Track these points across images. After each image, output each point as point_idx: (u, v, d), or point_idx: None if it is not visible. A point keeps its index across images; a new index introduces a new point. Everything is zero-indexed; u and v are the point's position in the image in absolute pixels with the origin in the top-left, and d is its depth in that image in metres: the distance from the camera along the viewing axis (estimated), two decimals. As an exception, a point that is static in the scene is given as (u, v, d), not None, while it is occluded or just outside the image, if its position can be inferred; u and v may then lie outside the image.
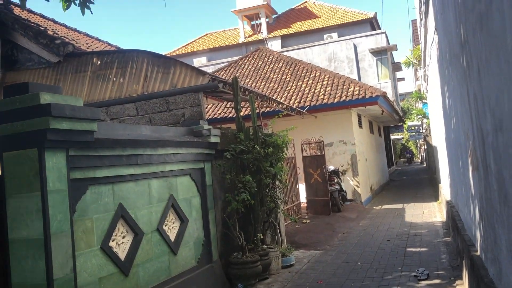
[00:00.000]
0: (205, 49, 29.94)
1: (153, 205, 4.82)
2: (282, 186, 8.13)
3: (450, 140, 7.31)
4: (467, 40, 3.51)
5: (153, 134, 5.03)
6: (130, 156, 4.47)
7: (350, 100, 14.06)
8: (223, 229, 6.24)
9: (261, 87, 16.59)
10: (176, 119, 6.62)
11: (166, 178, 5.13)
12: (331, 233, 9.79)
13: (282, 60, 18.78)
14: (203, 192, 5.89)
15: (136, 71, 7.07)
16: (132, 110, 6.93)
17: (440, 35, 6.87)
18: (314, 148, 12.82)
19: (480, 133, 3.42)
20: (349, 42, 23.77)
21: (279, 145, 7.14)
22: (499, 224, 3.02)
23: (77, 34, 10.75)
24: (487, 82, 2.85)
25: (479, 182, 3.89)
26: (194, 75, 6.70)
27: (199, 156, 5.81)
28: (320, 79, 16.16)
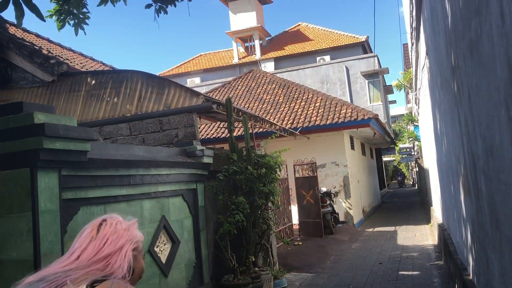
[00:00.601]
0: (199, 69, 30.13)
1: (145, 226, 4.77)
2: (275, 207, 8.11)
3: (441, 163, 7.36)
4: (458, 65, 3.58)
5: (146, 155, 5.02)
6: (122, 176, 4.45)
7: (343, 122, 14.17)
8: (215, 251, 6.19)
9: (254, 108, 16.68)
10: (170, 140, 6.62)
11: (158, 199, 5.10)
12: (323, 255, 9.73)
13: (275, 81, 18.94)
14: (195, 213, 5.85)
15: (130, 91, 7.09)
16: (126, 130, 6.92)
17: (431, 60, 6.99)
18: (306, 170, 12.84)
19: (472, 157, 3.46)
20: (341, 65, 24.07)
21: (272, 166, 7.15)
22: (491, 249, 3.03)
23: (71, 54, 10.79)
24: (478, 108, 2.90)
25: (471, 206, 3.92)
26: (188, 96, 6.73)
27: (192, 177, 5.79)
28: (313, 100, 16.29)
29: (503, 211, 2.48)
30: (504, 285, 2.68)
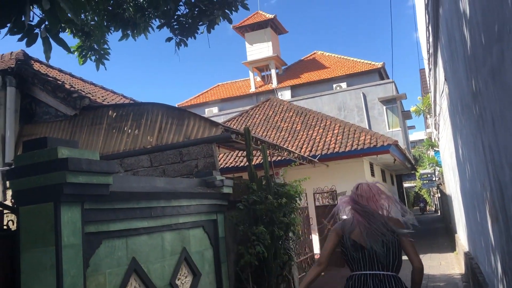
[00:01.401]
0: (216, 99, 30.52)
1: (166, 259, 4.75)
2: (296, 237, 8.01)
3: (465, 190, 7.21)
4: (480, 91, 3.54)
5: (166, 186, 5.04)
6: (144, 208, 4.46)
7: (362, 149, 14.08)
8: (236, 283, 6.09)
9: (272, 136, 16.72)
10: (190, 170, 6.65)
11: (179, 230, 5.08)
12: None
13: (292, 109, 19.02)
14: (216, 245, 5.80)
15: (150, 123, 7.19)
16: (146, 161, 6.98)
17: (450, 85, 6.94)
18: (326, 198, 12.71)
19: (498, 184, 3.38)
20: (358, 91, 24.10)
21: (292, 195, 7.10)
22: (524, 280, 2.92)
23: (93, 87, 11.06)
24: (503, 134, 2.84)
25: (500, 235, 3.80)
26: (208, 127, 6.79)
27: (212, 208, 5.78)
28: (331, 128, 16.27)
29: (536, 242, 2.39)
30: (541, 319, 2.56)
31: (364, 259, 3.21)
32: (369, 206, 3.27)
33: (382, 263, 3.17)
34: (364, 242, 3.19)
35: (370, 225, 3.17)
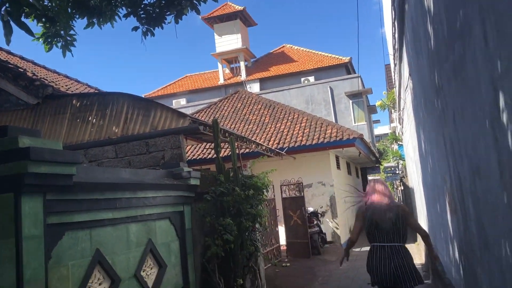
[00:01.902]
0: (184, 90, 30.22)
1: (131, 250, 4.69)
2: (262, 229, 8.06)
3: (427, 183, 7.43)
4: (442, 87, 3.64)
5: (132, 177, 4.96)
6: (109, 200, 4.38)
7: (328, 142, 14.27)
8: (203, 275, 6.09)
9: (240, 129, 16.72)
10: (156, 162, 6.57)
11: (144, 222, 5.03)
12: (311, 277, 9.65)
13: (261, 102, 19.06)
14: (182, 236, 5.77)
15: (116, 114, 7.05)
16: (111, 152, 6.86)
17: (414, 81, 7.12)
18: (293, 190, 12.84)
19: (458, 177, 3.50)
20: (326, 85, 24.39)
21: (259, 187, 7.13)
22: (480, 268, 3.04)
23: (56, 76, 10.73)
24: (463, 128, 2.94)
25: (458, 225, 3.94)
26: (175, 118, 6.72)
27: (178, 199, 5.73)
28: (298, 121, 16.41)
29: (491, 231, 2.50)
30: (495, 305, 2.68)
31: (380, 234, 4.43)
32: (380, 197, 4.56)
33: (392, 237, 4.37)
34: (379, 219, 4.42)
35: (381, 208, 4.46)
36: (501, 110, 1.87)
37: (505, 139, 1.89)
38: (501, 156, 2.00)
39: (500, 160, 2.03)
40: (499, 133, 1.97)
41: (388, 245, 4.36)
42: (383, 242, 4.39)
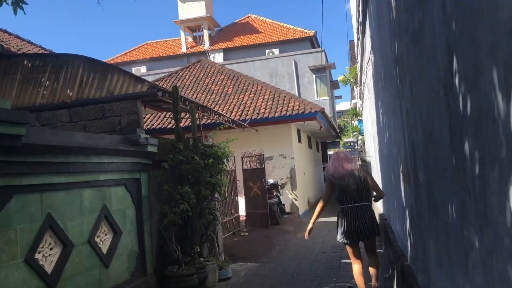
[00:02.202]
0: (145, 58, 29.44)
1: (84, 216, 4.59)
2: (222, 198, 8.07)
3: (383, 155, 7.61)
4: (401, 57, 3.67)
5: (86, 142, 4.81)
6: (61, 163, 4.24)
7: (290, 115, 14.33)
8: (159, 242, 6.06)
9: (202, 99, 16.51)
10: (112, 127, 6.39)
11: (99, 187, 4.91)
12: (269, 246, 9.81)
13: (224, 72, 18.83)
14: (139, 203, 5.70)
15: (70, 76, 6.77)
16: (66, 116, 6.61)
17: (376, 54, 7.18)
18: (254, 161, 12.89)
19: (412, 147, 3.58)
20: (290, 59, 24.33)
21: (219, 156, 7.10)
22: (428, 234, 3.15)
23: (7, 36, 10.15)
24: (418, 97, 2.98)
25: (410, 194, 4.06)
26: (132, 83, 6.52)
27: (135, 166, 5.63)
28: (262, 93, 16.35)
29: (439, 196, 2.57)
30: (440, 268, 2.79)
31: (347, 197, 4.99)
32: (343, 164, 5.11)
33: (357, 197, 4.98)
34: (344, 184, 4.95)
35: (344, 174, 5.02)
36: (454, 74, 1.89)
37: (456, 104, 1.91)
38: (452, 121, 2.04)
39: (451, 126, 2.07)
40: (452, 98, 1.99)
41: (355, 205, 4.96)
42: (351, 204, 4.99)
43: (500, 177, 1.42)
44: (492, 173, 1.50)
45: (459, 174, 2.01)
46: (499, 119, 1.36)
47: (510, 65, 1.23)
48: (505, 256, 1.46)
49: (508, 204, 1.37)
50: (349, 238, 5.06)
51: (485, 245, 1.70)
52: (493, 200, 1.53)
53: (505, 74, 1.27)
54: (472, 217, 1.85)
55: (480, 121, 1.58)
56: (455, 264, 2.30)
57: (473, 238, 1.88)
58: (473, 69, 1.61)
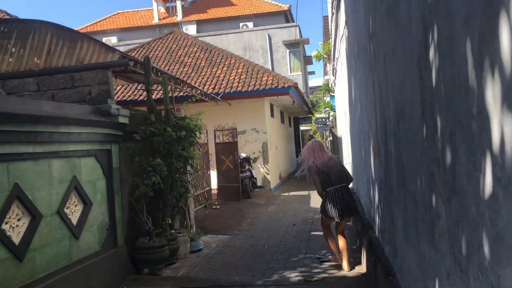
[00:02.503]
0: (116, 28, 28.63)
1: (53, 187, 4.50)
2: (194, 171, 8.05)
3: (354, 130, 7.72)
4: (376, 32, 3.69)
5: (55, 111, 4.68)
6: (28, 133, 4.12)
7: (264, 89, 14.29)
8: (130, 214, 6.03)
9: (175, 71, 16.25)
10: (82, 97, 6.22)
11: (69, 158, 4.81)
12: (240, 218, 9.91)
13: (197, 45, 18.52)
14: (109, 175, 5.62)
15: (38, 44, 6.51)
16: (33, 85, 6.38)
17: (350, 29, 7.19)
18: (227, 135, 12.87)
19: (383, 120, 3.63)
20: (264, 33, 24.10)
21: (191, 128, 7.04)
22: (396, 206, 3.24)
23: (-32, -1, 9.66)
24: (391, 71, 3.02)
25: (380, 168, 4.15)
26: (103, 52, 6.33)
27: (105, 137, 5.52)
28: (235, 66, 16.21)
29: (409, 169, 2.63)
30: (406, 238, 2.88)
31: (332, 181, 5.58)
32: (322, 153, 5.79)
33: (340, 180, 5.60)
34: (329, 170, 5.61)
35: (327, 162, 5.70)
36: (428, 47, 1.91)
37: (429, 77, 1.94)
38: (424, 95, 2.07)
39: (423, 99, 2.10)
40: (425, 71, 2.02)
41: (339, 187, 5.55)
42: (336, 185, 5.56)
43: (470, 148, 1.46)
44: (462, 144, 1.54)
45: (429, 147, 2.06)
46: (472, 90, 1.39)
47: (484, 36, 1.25)
48: (472, 225, 1.52)
49: (476, 174, 1.42)
50: (331, 214, 5.60)
51: (452, 215, 1.76)
52: (462, 171, 1.58)
53: (480, 45, 1.29)
54: (441, 188, 1.91)
55: (452, 93, 1.61)
56: (422, 234, 2.39)
57: (440, 209, 1.95)
58: (447, 41, 1.63)
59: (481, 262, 1.43)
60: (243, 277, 5.62)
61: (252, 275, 5.71)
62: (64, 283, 4.42)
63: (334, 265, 5.84)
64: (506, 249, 1.21)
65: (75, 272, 4.64)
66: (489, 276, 1.35)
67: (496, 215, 1.27)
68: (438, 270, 2.04)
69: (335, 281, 5.08)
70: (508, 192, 1.17)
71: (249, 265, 6.18)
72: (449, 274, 1.85)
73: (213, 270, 6.07)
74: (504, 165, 1.18)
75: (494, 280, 1.31)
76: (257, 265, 6.16)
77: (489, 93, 1.25)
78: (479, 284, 1.46)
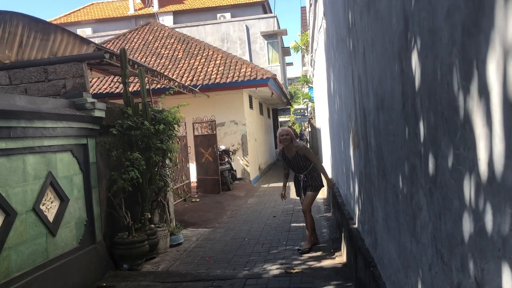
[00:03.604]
0: (90, 19, 28.03)
1: (28, 183, 4.38)
2: (172, 164, 7.97)
3: (333, 121, 7.75)
4: (355, 23, 3.68)
5: (28, 105, 4.54)
6: (1, 128, 3.98)
7: (242, 81, 14.23)
8: (108, 209, 5.93)
9: (152, 63, 16.03)
10: (56, 91, 6.06)
11: (43, 154, 4.69)
12: (220, 211, 9.88)
13: (174, 36, 18.30)
14: (86, 170, 5.51)
15: (9, 36, 6.31)
16: (5, 78, 6.19)
17: (328, 21, 7.18)
18: (206, 128, 12.78)
19: (363, 112, 3.64)
20: (242, 24, 23.95)
21: (170, 122, 6.95)
22: (377, 197, 3.26)
23: None
24: (371, 63, 3.01)
25: (359, 159, 4.17)
26: (78, 44, 6.18)
27: (81, 131, 5.40)
28: (213, 58, 16.08)
29: (389, 161, 2.64)
30: (387, 230, 2.90)
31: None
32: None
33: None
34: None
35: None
36: (409, 39, 1.90)
37: (410, 69, 1.93)
38: (405, 87, 2.06)
39: (404, 91, 2.09)
40: (405, 63, 2.01)
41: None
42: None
43: (453, 141, 1.45)
44: (444, 137, 1.54)
45: (410, 139, 2.06)
46: (455, 83, 1.38)
47: (467, 28, 1.24)
48: (454, 218, 1.52)
49: (459, 167, 1.42)
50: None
51: (434, 207, 1.77)
52: (444, 164, 1.58)
53: (462, 37, 1.28)
54: (422, 181, 1.91)
55: (434, 86, 1.60)
56: (403, 226, 2.40)
57: (422, 201, 1.95)
58: (429, 33, 1.62)
59: (464, 255, 1.43)
60: (224, 270, 5.60)
61: (233, 268, 5.69)
62: (41, 281, 4.32)
63: (314, 256, 5.87)
64: (489, 243, 1.21)
65: (53, 269, 4.54)
66: (472, 269, 1.36)
67: (479, 209, 1.27)
68: (420, 262, 2.05)
69: (315, 273, 5.10)
70: (492, 186, 1.17)
71: (230, 258, 6.17)
72: (431, 266, 1.86)
73: (193, 264, 6.03)
74: (488, 158, 1.18)
75: (478, 274, 1.31)
76: (238, 258, 6.15)
77: (473, 86, 1.24)
78: (462, 277, 1.47)
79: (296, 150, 6.24)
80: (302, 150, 6.29)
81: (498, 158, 1.11)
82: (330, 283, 4.68)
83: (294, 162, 6.28)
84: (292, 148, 6.25)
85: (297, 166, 6.31)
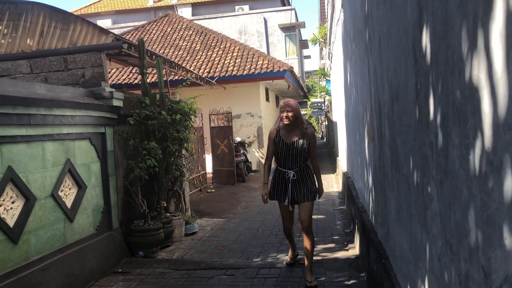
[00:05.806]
0: (110, 10, 28.26)
1: (47, 169, 4.48)
2: (189, 155, 8.05)
3: (349, 114, 7.71)
4: (371, 14, 3.66)
5: (48, 93, 4.64)
6: (21, 115, 4.08)
7: (259, 73, 14.23)
8: (125, 197, 6.03)
9: (170, 54, 16.13)
10: (75, 80, 6.16)
11: (62, 141, 4.79)
12: (235, 202, 9.95)
13: (192, 28, 18.36)
14: (104, 158, 5.60)
15: (30, 25, 6.43)
16: (26, 67, 6.31)
17: (346, 13, 7.14)
18: (222, 119, 12.84)
19: (378, 104, 3.63)
20: (260, 16, 23.87)
21: (186, 112, 7.01)
22: (390, 189, 3.26)
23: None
24: (386, 54, 3.00)
25: (374, 151, 4.16)
26: (97, 34, 6.26)
27: (99, 120, 5.49)
28: (230, 50, 16.10)
29: (402, 152, 2.64)
30: (399, 221, 2.90)
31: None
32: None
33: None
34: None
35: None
36: (423, 29, 1.90)
37: (423, 59, 1.93)
38: (419, 77, 2.06)
39: (418, 81, 2.09)
40: (419, 53, 2.01)
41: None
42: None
43: (463, 130, 1.46)
44: (455, 127, 1.54)
45: (422, 130, 2.06)
46: (466, 72, 1.38)
47: (479, 17, 1.24)
48: (463, 208, 1.52)
49: (468, 157, 1.42)
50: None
51: (444, 197, 1.77)
52: (454, 154, 1.58)
53: (474, 27, 1.28)
54: (433, 171, 1.92)
55: (446, 75, 1.60)
56: (414, 217, 2.40)
57: (433, 192, 1.96)
58: (442, 23, 1.62)
59: (472, 245, 1.44)
60: (237, 259, 5.66)
61: (246, 257, 5.75)
62: (59, 265, 4.44)
63: (328, 248, 5.89)
64: (496, 232, 1.22)
65: (70, 254, 4.65)
66: (480, 258, 1.37)
67: (487, 197, 1.27)
68: (430, 253, 2.06)
69: (328, 264, 5.12)
70: (500, 175, 1.17)
71: (243, 248, 6.22)
72: (440, 256, 1.87)
73: (207, 253, 6.10)
74: (496, 147, 1.18)
75: (485, 263, 1.32)
76: (251, 248, 6.20)
77: (483, 75, 1.24)
78: (470, 266, 1.48)
79: (301, 135, 4.56)
80: (310, 137, 4.59)
81: (505, 146, 1.12)
82: (342, 274, 4.70)
83: (291, 151, 4.57)
84: (295, 130, 4.58)
85: (292, 158, 4.59)
